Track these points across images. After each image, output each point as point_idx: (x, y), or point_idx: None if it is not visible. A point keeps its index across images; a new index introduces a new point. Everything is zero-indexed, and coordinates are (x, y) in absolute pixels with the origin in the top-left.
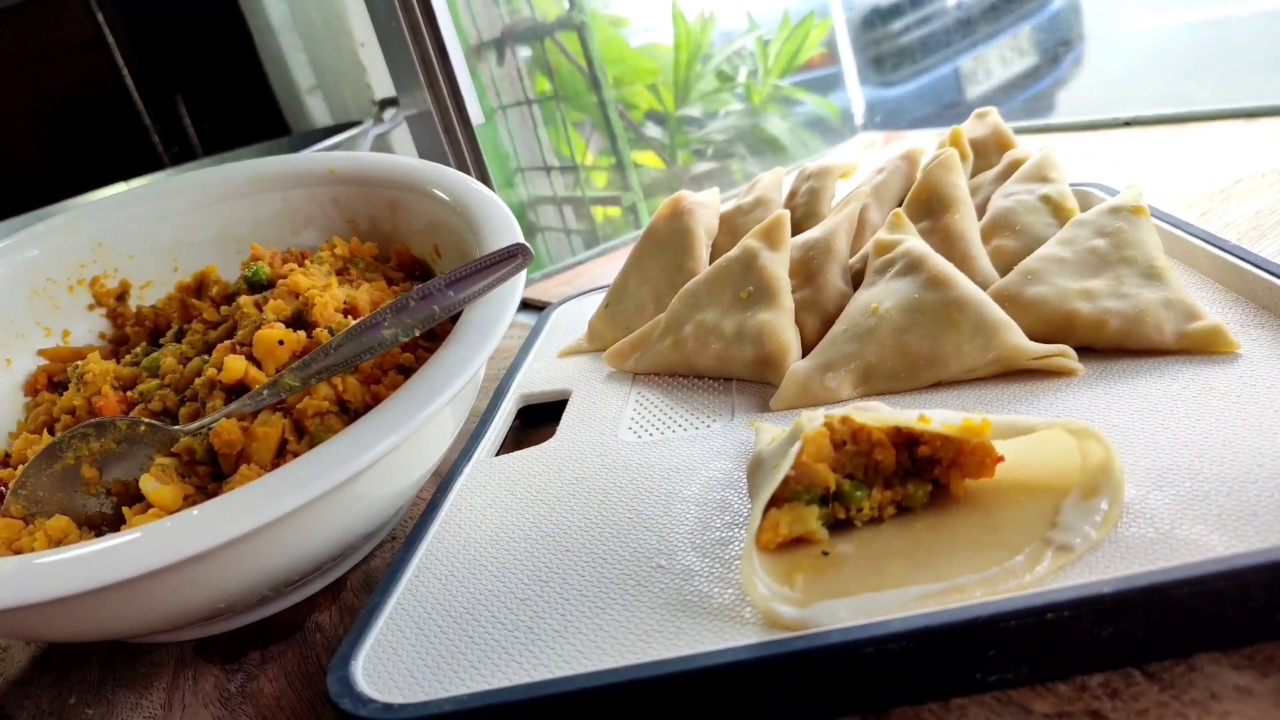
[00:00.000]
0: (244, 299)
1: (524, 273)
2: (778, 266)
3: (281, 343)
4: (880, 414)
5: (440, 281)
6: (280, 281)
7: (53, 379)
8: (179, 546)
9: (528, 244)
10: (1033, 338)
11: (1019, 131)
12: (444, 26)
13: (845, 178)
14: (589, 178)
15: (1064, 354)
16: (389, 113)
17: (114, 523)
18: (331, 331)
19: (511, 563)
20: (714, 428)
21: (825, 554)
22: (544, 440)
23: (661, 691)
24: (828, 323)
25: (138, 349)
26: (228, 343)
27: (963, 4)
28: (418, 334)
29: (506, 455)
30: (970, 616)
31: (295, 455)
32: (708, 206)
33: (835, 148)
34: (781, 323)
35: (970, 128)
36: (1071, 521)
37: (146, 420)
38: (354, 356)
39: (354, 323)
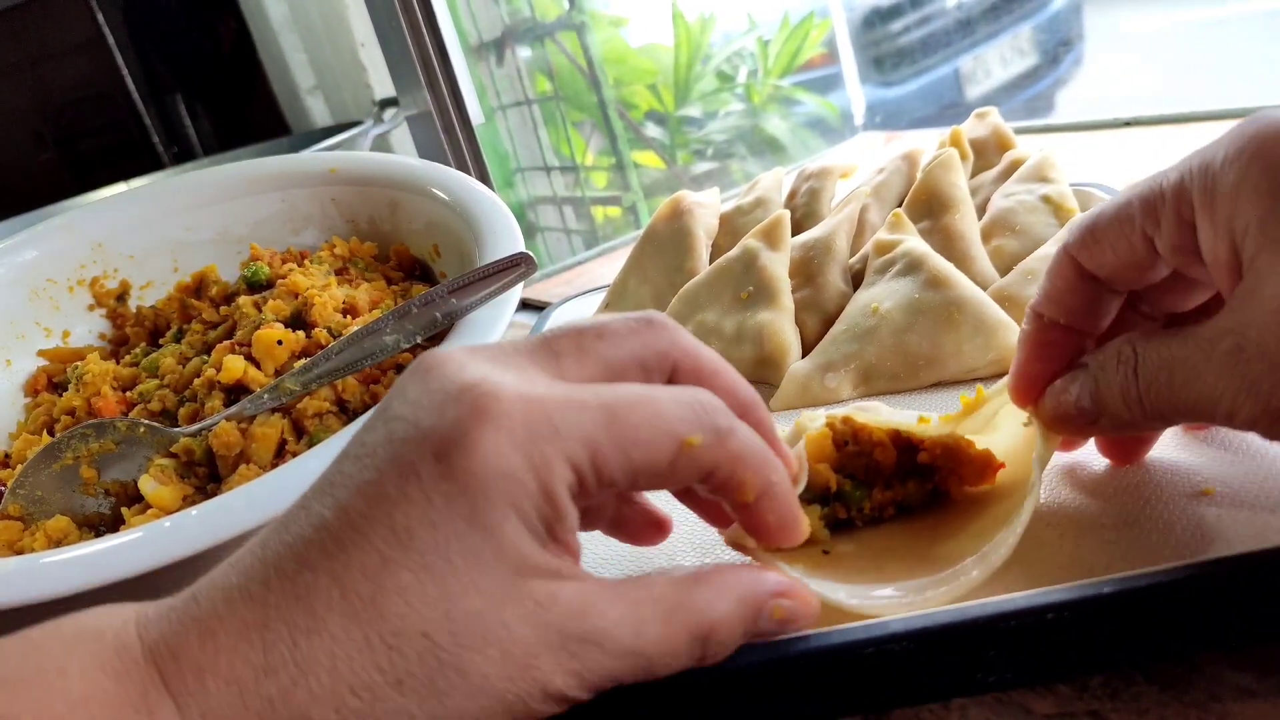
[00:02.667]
0: (243, 299)
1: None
2: (778, 266)
3: (280, 343)
4: (880, 415)
5: (443, 288)
6: (279, 281)
7: (53, 380)
8: (179, 546)
9: (530, 253)
10: None
11: (1019, 131)
12: (444, 27)
13: (845, 178)
14: (589, 178)
15: None
16: (389, 113)
17: (113, 523)
18: (330, 331)
19: None
20: None
21: (826, 553)
22: None
23: (660, 692)
24: (828, 323)
25: (137, 349)
26: (227, 343)
27: (963, 4)
28: (419, 340)
29: None
30: (970, 616)
31: (294, 455)
32: (708, 207)
33: (835, 148)
34: (781, 323)
35: (970, 128)
36: None
37: (146, 421)
38: (355, 362)
39: (356, 328)
